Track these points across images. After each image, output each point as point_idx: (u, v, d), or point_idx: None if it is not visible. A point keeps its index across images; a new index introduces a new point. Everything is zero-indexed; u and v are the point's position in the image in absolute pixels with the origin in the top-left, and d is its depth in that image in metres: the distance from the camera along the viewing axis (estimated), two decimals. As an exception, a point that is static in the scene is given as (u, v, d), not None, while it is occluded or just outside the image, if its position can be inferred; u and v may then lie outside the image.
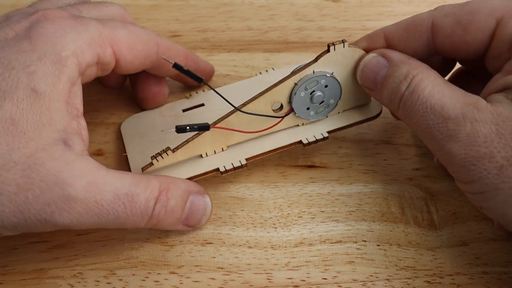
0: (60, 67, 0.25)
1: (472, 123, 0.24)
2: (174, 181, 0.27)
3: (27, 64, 0.24)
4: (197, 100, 0.35)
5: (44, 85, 0.24)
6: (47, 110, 0.24)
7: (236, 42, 0.41)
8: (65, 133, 0.25)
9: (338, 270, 0.28)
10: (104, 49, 0.27)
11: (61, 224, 0.24)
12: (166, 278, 0.28)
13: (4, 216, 0.23)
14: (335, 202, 0.31)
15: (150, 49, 0.30)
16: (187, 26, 0.43)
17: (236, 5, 0.45)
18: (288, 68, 0.36)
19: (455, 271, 0.28)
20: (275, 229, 0.30)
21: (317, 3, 0.45)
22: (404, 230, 0.30)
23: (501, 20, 0.25)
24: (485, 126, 0.23)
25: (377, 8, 0.44)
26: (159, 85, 0.34)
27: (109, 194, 0.25)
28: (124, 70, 0.29)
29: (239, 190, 0.32)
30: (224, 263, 0.28)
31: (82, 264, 0.28)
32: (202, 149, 0.30)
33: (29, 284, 0.27)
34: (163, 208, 0.26)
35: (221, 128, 0.29)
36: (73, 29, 0.26)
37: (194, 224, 0.29)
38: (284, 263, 0.28)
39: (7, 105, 0.24)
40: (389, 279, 0.28)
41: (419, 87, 0.26)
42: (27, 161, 0.23)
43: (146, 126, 0.34)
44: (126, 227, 0.26)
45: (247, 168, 0.32)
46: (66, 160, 0.24)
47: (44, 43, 0.25)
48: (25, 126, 0.24)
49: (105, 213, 0.25)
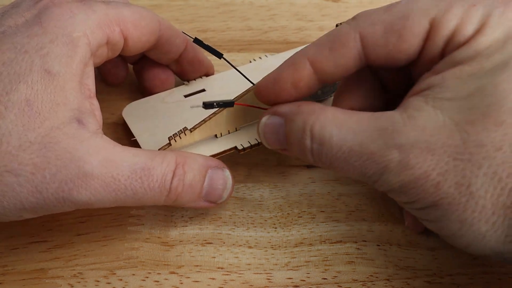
0: (73, 47, 0.26)
1: (399, 149, 0.22)
2: (190, 155, 0.27)
3: (40, 47, 0.25)
4: (197, 86, 0.35)
5: (58, 66, 0.25)
6: (61, 90, 0.25)
7: (236, 42, 0.41)
8: (79, 112, 0.25)
9: (338, 270, 0.28)
10: (112, 29, 0.28)
11: (79, 202, 0.24)
12: (166, 278, 0.28)
13: (23, 197, 0.23)
14: (335, 202, 0.31)
15: (153, 24, 0.30)
16: (187, 26, 0.43)
17: (236, 5, 0.45)
18: (282, 53, 0.37)
19: (455, 271, 0.28)
20: (275, 229, 0.30)
21: (317, 3, 0.45)
22: (404, 230, 0.30)
23: (433, 21, 0.23)
24: (413, 148, 0.21)
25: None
26: (166, 72, 0.35)
27: (126, 169, 0.25)
28: (132, 49, 0.30)
29: (239, 190, 0.32)
30: (224, 263, 0.28)
31: (82, 264, 0.28)
32: (217, 129, 0.30)
33: (29, 284, 0.27)
34: (180, 182, 0.26)
35: (243, 105, 0.29)
36: (82, 11, 0.27)
37: (215, 200, 0.28)
38: (284, 263, 0.28)
39: (22, 87, 0.24)
40: (389, 279, 0.28)
41: (325, 136, 0.23)
42: (42, 140, 0.24)
43: (148, 112, 0.34)
44: (145, 203, 0.26)
45: (247, 168, 0.32)
46: (81, 138, 0.24)
47: (55, 26, 0.26)
48: (40, 107, 0.24)
49: (123, 188, 0.25)
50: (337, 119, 0.24)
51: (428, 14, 0.23)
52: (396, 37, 0.24)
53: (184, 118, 0.33)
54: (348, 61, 0.25)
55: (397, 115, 0.22)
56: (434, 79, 0.23)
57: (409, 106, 0.23)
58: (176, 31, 0.33)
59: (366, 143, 0.23)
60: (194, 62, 0.35)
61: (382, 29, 0.24)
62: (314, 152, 0.24)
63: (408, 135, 0.22)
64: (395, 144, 0.22)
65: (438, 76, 0.22)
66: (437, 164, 0.21)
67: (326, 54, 0.25)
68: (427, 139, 0.21)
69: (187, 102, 0.34)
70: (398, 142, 0.22)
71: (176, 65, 0.35)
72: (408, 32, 0.23)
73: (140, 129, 0.33)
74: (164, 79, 0.35)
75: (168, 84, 0.35)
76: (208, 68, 0.36)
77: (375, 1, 0.45)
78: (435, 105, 0.22)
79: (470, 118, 0.21)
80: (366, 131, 0.23)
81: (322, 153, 0.24)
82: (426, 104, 0.22)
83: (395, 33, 0.24)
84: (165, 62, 0.34)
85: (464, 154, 0.21)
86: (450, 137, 0.21)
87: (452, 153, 0.21)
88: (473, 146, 0.21)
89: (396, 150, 0.22)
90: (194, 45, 0.34)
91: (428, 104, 0.22)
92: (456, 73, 0.22)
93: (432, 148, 0.21)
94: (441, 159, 0.21)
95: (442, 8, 0.23)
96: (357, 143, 0.23)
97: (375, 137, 0.22)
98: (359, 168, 0.23)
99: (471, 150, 0.21)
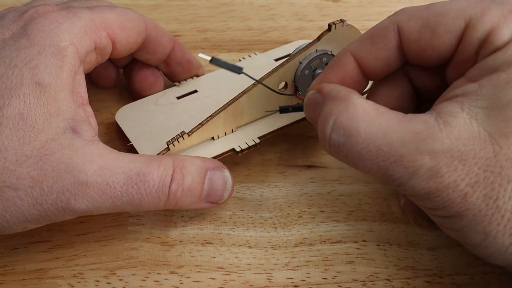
0: (61, 57, 0.26)
1: (431, 155, 0.21)
2: (188, 158, 0.27)
3: (28, 60, 0.25)
4: (189, 87, 0.35)
5: (48, 77, 0.25)
6: (54, 101, 0.25)
7: (236, 42, 0.41)
8: (73, 121, 0.25)
9: (338, 270, 0.28)
10: (99, 34, 0.28)
11: (78, 210, 0.24)
12: (166, 278, 0.28)
13: (25, 210, 0.24)
14: (335, 202, 0.31)
15: (140, 25, 0.30)
16: (187, 26, 0.43)
17: (236, 5, 0.45)
18: (271, 51, 0.38)
19: (455, 271, 0.28)
20: (275, 229, 0.30)
21: (317, 3, 0.45)
22: (404, 230, 0.30)
23: (469, 22, 0.23)
24: (446, 155, 0.21)
25: (377, 8, 0.44)
26: (155, 75, 0.35)
27: (121, 176, 0.25)
28: (120, 51, 0.30)
29: (239, 190, 0.32)
30: (224, 263, 0.28)
31: (82, 264, 0.28)
32: (215, 131, 0.31)
33: (29, 284, 0.27)
34: (179, 186, 0.26)
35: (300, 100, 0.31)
36: (67, 19, 0.27)
37: (217, 200, 0.28)
38: (284, 263, 0.28)
39: (15, 101, 0.24)
40: (389, 279, 0.28)
41: (351, 129, 0.22)
42: (38, 153, 0.24)
43: (142, 115, 0.34)
44: (144, 209, 0.26)
45: (247, 168, 0.32)
46: (75, 147, 0.24)
47: (41, 37, 0.26)
48: (34, 120, 0.24)
49: (119, 195, 0.25)
50: (367, 114, 0.22)
51: (464, 14, 0.23)
52: (430, 32, 0.24)
53: (179, 120, 0.33)
54: (389, 53, 0.25)
55: (432, 119, 0.22)
56: (470, 86, 0.22)
57: (444, 111, 0.22)
58: (162, 30, 0.33)
59: (396, 145, 0.22)
60: (183, 62, 0.34)
61: (419, 23, 0.24)
62: (332, 142, 0.23)
63: (442, 142, 0.21)
64: (427, 150, 0.21)
65: (475, 83, 0.22)
66: (467, 175, 0.21)
67: (368, 47, 0.25)
68: (460, 148, 0.21)
69: (180, 104, 0.34)
70: (431, 148, 0.21)
71: (165, 66, 0.35)
72: (442, 29, 0.24)
73: (135, 133, 0.32)
74: (152, 82, 0.35)
75: (157, 87, 0.35)
76: (197, 68, 0.36)
77: (376, 1, 0.45)
78: (471, 113, 0.21)
79: (504, 130, 0.21)
80: (398, 132, 0.22)
81: (345, 146, 0.23)
82: (462, 111, 0.22)
83: (430, 29, 0.24)
84: (154, 63, 0.34)
85: (495, 167, 0.21)
86: (483, 149, 0.21)
87: (483, 165, 0.21)
88: (504, 160, 0.21)
89: (428, 156, 0.21)
90: (182, 46, 0.34)
91: (464, 112, 0.22)
92: (492, 81, 0.22)
93: (464, 158, 0.21)
94: (471, 170, 0.21)
95: (479, 10, 0.23)
96: (387, 144, 0.22)
97: (407, 140, 0.22)
98: (384, 169, 0.22)
99: (502, 164, 0.21)
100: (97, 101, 0.36)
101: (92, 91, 0.36)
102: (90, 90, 0.35)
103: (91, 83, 0.36)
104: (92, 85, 0.36)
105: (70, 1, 0.31)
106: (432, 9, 0.24)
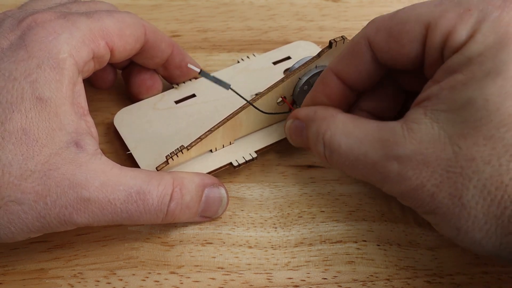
0: (60, 70, 0.26)
1: (397, 160, 0.23)
2: (187, 176, 0.28)
3: (28, 73, 0.25)
4: (187, 91, 0.35)
5: (48, 91, 0.25)
6: (55, 116, 0.25)
7: (236, 42, 0.41)
8: (76, 134, 0.26)
9: (338, 270, 0.28)
10: (97, 43, 0.28)
11: (79, 223, 0.25)
12: (166, 278, 0.28)
13: (29, 222, 0.24)
14: (335, 202, 0.31)
15: (138, 31, 0.30)
16: (187, 26, 0.43)
17: (236, 5, 0.45)
18: (269, 53, 0.37)
19: (455, 271, 0.28)
20: (275, 229, 0.30)
21: (317, 3, 0.45)
22: (404, 230, 0.30)
23: (429, 26, 0.23)
24: (411, 160, 0.22)
25: (377, 8, 0.44)
26: (152, 79, 0.35)
27: (122, 193, 0.25)
28: (118, 58, 0.30)
29: (239, 190, 0.32)
30: (224, 263, 0.28)
31: (82, 264, 0.28)
32: (213, 145, 0.31)
33: (29, 284, 0.27)
34: (178, 205, 0.27)
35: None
36: (65, 30, 0.27)
37: (211, 216, 0.29)
38: (284, 263, 0.28)
39: (16, 116, 0.24)
40: (389, 279, 0.28)
41: (334, 145, 0.25)
42: (42, 168, 0.24)
43: (141, 120, 0.33)
44: (142, 223, 0.27)
45: (247, 168, 0.32)
46: (79, 163, 0.25)
47: (40, 50, 0.26)
48: (37, 134, 0.24)
49: (119, 211, 0.25)
50: (346, 127, 0.25)
51: (423, 19, 0.23)
52: (395, 42, 0.24)
53: (177, 127, 0.32)
54: (367, 67, 0.26)
55: (398, 126, 0.23)
56: (434, 89, 0.23)
57: (410, 118, 0.23)
58: (162, 35, 0.32)
59: (370, 153, 0.24)
60: (181, 66, 0.34)
61: (385, 35, 0.25)
62: (327, 157, 0.26)
63: (405, 148, 0.23)
64: (394, 156, 0.23)
65: (436, 86, 0.23)
66: (431, 176, 0.22)
67: (346, 63, 0.27)
68: (422, 152, 0.22)
69: (179, 110, 0.34)
70: (397, 154, 0.23)
71: (163, 69, 0.35)
72: (405, 38, 0.24)
73: (134, 140, 0.32)
74: (150, 86, 0.34)
75: (154, 90, 0.35)
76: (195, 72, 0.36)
77: (376, 1, 0.45)
78: (432, 117, 0.22)
79: (462, 132, 0.22)
80: (371, 141, 0.24)
81: (333, 160, 0.26)
82: (424, 116, 0.23)
83: (394, 39, 0.24)
84: (152, 66, 0.34)
85: (456, 168, 0.22)
86: (443, 151, 0.22)
87: (445, 166, 0.22)
88: (464, 160, 0.22)
89: (395, 161, 0.23)
90: (181, 50, 0.34)
91: (427, 116, 0.23)
92: (450, 83, 0.22)
93: (427, 161, 0.22)
94: (435, 171, 0.22)
95: (437, 13, 0.23)
96: (362, 153, 0.24)
97: (377, 148, 0.23)
98: (365, 176, 0.25)
99: (462, 164, 0.22)
100: (97, 101, 0.36)
101: (92, 91, 0.36)
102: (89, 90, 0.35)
103: (89, 85, 0.36)
104: (91, 85, 0.36)
105: (68, 4, 0.30)
106: (395, 18, 0.25)
